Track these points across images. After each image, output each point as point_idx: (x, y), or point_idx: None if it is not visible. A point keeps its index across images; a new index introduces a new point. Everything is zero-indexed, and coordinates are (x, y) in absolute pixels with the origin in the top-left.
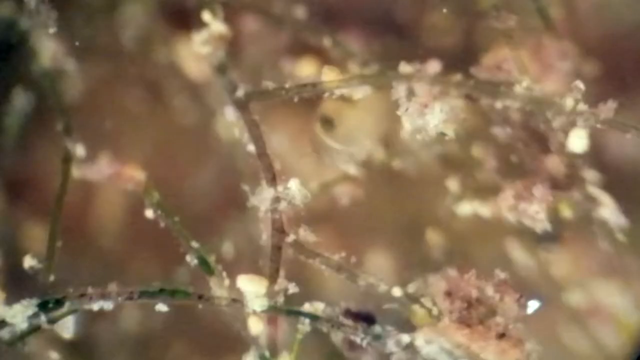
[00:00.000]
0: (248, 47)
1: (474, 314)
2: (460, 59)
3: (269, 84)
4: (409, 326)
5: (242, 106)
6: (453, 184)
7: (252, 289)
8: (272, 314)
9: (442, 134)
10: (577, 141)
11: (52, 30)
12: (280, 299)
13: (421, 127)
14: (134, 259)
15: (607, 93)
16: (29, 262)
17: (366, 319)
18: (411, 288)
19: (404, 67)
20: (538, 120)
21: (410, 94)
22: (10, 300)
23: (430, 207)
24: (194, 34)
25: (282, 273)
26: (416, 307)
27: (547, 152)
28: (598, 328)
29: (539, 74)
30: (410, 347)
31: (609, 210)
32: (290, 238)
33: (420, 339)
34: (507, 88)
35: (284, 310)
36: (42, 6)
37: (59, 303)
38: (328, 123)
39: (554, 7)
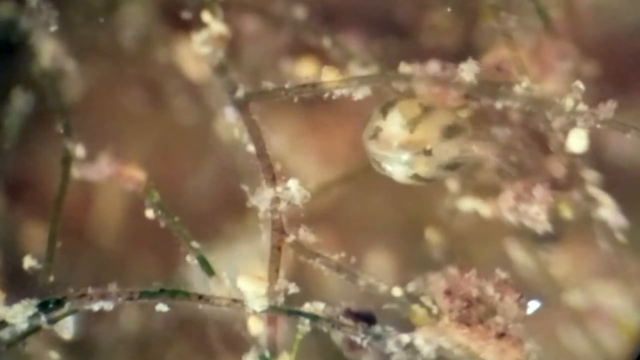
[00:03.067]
0: (248, 47)
1: (473, 313)
2: (460, 59)
3: (268, 85)
4: (409, 326)
5: (241, 106)
6: (453, 184)
7: (252, 289)
8: (272, 314)
9: None
10: (577, 141)
11: (52, 28)
12: (281, 299)
13: None
14: (134, 259)
15: (607, 93)
16: (28, 262)
17: (366, 319)
18: (411, 287)
19: (404, 68)
20: (538, 121)
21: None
22: (10, 301)
23: (430, 207)
24: (194, 34)
25: (282, 273)
26: (416, 307)
27: (547, 153)
28: (598, 328)
29: (539, 74)
30: (410, 347)
31: (609, 211)
32: (290, 238)
33: (420, 339)
34: (507, 88)
35: (284, 310)
36: (43, 5)
37: (59, 303)
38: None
39: (553, 8)
